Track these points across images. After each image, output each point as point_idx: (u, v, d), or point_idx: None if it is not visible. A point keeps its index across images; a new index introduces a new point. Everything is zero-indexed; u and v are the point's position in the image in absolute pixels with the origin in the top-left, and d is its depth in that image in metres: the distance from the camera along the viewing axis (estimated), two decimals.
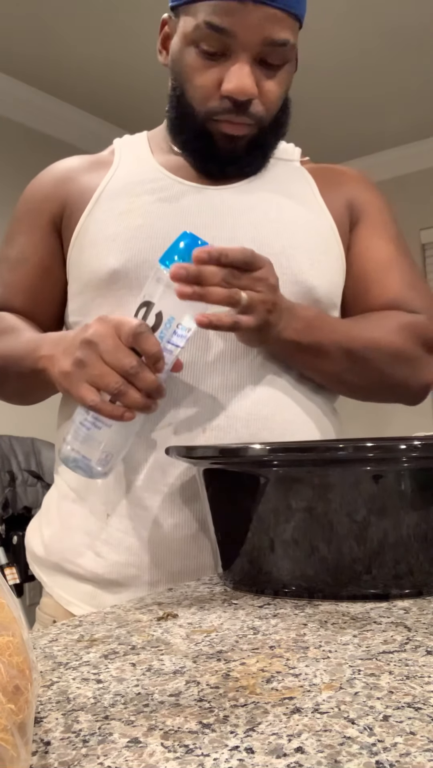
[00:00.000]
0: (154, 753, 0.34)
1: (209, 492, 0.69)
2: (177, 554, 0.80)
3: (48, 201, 0.92)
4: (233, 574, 0.67)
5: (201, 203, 0.86)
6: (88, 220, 0.88)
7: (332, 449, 0.61)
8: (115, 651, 0.51)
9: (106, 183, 0.90)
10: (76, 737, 0.36)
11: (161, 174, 0.89)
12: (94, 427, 0.68)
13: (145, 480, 0.80)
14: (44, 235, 0.92)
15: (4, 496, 2.59)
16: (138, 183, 0.88)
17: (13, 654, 0.31)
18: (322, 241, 0.89)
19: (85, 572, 0.83)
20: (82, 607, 0.82)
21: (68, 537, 0.84)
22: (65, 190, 0.91)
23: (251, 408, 0.81)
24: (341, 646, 0.49)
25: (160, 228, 0.83)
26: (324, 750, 0.34)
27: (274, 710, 0.38)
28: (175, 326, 0.68)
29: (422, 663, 0.45)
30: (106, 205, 0.87)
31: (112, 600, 0.81)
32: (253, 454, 0.63)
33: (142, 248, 0.83)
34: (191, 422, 0.80)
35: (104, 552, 0.81)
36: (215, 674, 0.45)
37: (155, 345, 0.67)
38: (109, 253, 0.84)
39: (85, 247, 0.87)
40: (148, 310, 0.68)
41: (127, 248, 0.83)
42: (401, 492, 0.61)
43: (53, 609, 0.86)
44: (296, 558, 0.62)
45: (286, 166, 0.95)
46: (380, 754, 0.33)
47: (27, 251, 0.93)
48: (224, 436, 0.80)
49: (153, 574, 0.80)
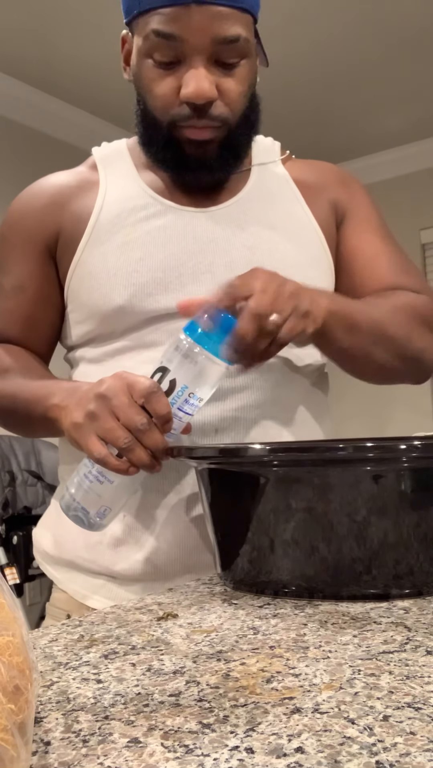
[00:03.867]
0: (154, 753, 0.34)
1: (209, 492, 0.69)
2: (193, 549, 0.82)
3: (41, 226, 0.92)
4: (233, 574, 0.67)
5: (196, 228, 0.87)
6: (86, 252, 0.88)
7: (332, 449, 0.61)
8: (115, 651, 0.51)
9: (99, 210, 0.89)
10: (76, 737, 0.36)
11: (151, 199, 0.89)
12: (97, 481, 0.70)
13: (159, 480, 0.82)
14: (40, 263, 0.92)
15: (4, 496, 2.59)
16: (131, 211, 0.88)
17: (13, 654, 0.31)
18: (312, 257, 0.90)
19: (102, 569, 0.85)
20: (99, 600, 0.85)
21: (83, 535, 0.86)
22: (58, 217, 0.91)
23: (260, 408, 0.84)
24: (341, 646, 0.49)
25: (160, 260, 0.85)
26: (324, 750, 0.34)
27: (274, 710, 0.38)
28: (188, 395, 0.69)
29: (422, 663, 0.45)
30: (103, 237, 0.88)
31: (129, 595, 0.83)
32: (253, 454, 0.63)
33: (145, 282, 0.84)
34: (204, 424, 0.82)
35: (122, 551, 0.84)
36: (215, 674, 0.45)
37: (166, 406, 0.68)
38: (112, 289, 0.85)
39: (85, 279, 0.88)
40: (163, 375, 0.70)
41: (131, 284, 0.84)
42: (401, 492, 0.61)
43: (66, 603, 0.89)
44: (296, 558, 0.62)
45: (271, 176, 0.95)
46: (380, 754, 0.33)
47: (23, 279, 0.93)
48: (234, 436, 0.82)
49: (170, 569, 0.82)
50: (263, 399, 0.84)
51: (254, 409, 0.84)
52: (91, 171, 0.95)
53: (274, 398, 0.85)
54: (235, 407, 0.83)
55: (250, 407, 0.84)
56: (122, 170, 0.94)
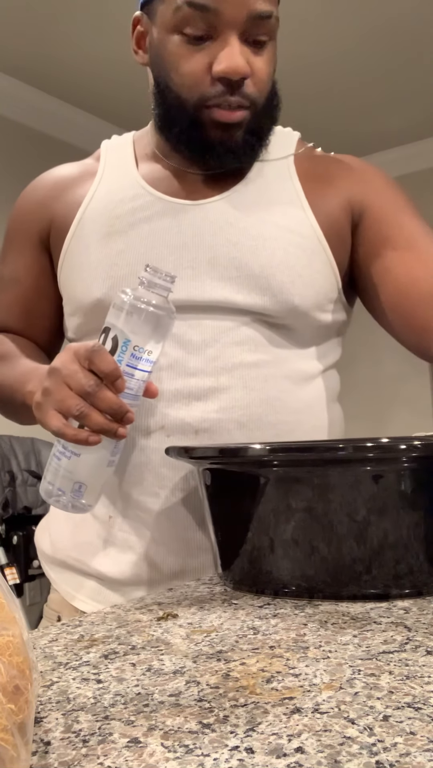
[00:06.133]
0: (154, 753, 0.34)
1: (209, 492, 0.69)
2: (179, 554, 0.80)
3: (36, 219, 0.92)
4: (233, 574, 0.67)
5: (181, 222, 0.85)
6: (72, 243, 0.88)
7: (332, 449, 0.61)
8: (115, 651, 0.51)
9: (88, 201, 0.89)
10: (76, 737, 0.36)
11: (142, 190, 0.88)
12: (65, 457, 0.69)
13: (146, 482, 0.81)
14: (36, 255, 0.92)
15: (4, 496, 2.59)
16: (119, 202, 0.87)
17: (13, 654, 0.31)
18: (304, 254, 0.85)
19: (90, 570, 0.84)
20: (87, 603, 0.84)
21: (75, 536, 0.86)
22: (52, 208, 0.91)
23: (243, 409, 0.81)
24: (341, 646, 0.49)
25: (141, 253, 0.83)
26: (324, 750, 0.34)
27: (274, 710, 0.38)
28: (133, 348, 0.68)
29: (422, 663, 0.45)
30: (89, 228, 0.87)
31: (116, 598, 0.82)
32: (253, 454, 0.63)
33: (124, 275, 0.82)
34: (183, 425, 0.80)
35: (108, 552, 0.83)
36: (215, 674, 0.45)
37: (110, 363, 0.67)
38: (93, 282, 0.84)
39: (70, 271, 0.88)
40: (106, 335, 0.69)
41: (109, 276, 0.83)
42: (401, 492, 0.61)
43: (59, 605, 0.88)
44: (296, 558, 0.62)
45: (273, 169, 0.91)
46: (380, 754, 0.33)
47: (20, 271, 0.93)
48: (216, 438, 0.80)
49: (156, 573, 0.81)
50: (247, 400, 0.81)
51: (238, 410, 0.81)
52: (94, 162, 0.95)
53: (260, 399, 0.81)
54: (216, 408, 0.80)
55: (233, 408, 0.80)
56: (121, 161, 0.93)
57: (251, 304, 0.82)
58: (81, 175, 0.93)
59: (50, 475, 0.70)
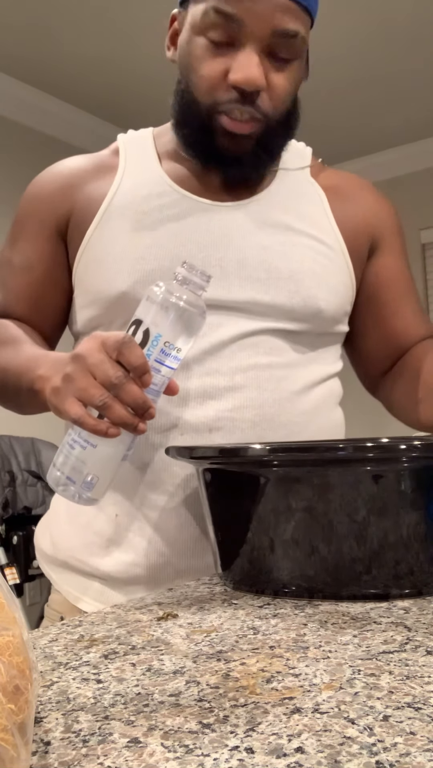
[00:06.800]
0: (154, 753, 0.34)
1: (209, 492, 0.69)
2: (184, 553, 0.81)
3: (54, 208, 0.91)
4: (233, 574, 0.67)
5: (210, 221, 0.85)
6: (95, 236, 0.87)
7: (332, 449, 0.61)
8: (115, 651, 0.51)
9: (112, 195, 0.88)
10: (76, 737, 0.36)
11: (169, 188, 0.88)
12: (79, 446, 0.67)
13: (152, 480, 0.81)
14: (50, 244, 0.91)
15: (4, 496, 2.59)
16: (145, 198, 0.87)
17: (13, 654, 0.31)
18: (330, 263, 0.88)
19: (93, 570, 0.84)
20: (90, 604, 0.84)
21: (77, 536, 0.85)
22: (71, 198, 0.90)
23: (257, 409, 0.82)
24: (341, 646, 0.49)
25: (169, 249, 0.83)
26: (324, 750, 0.34)
27: (274, 710, 0.38)
28: (163, 344, 0.67)
29: (422, 663, 0.45)
30: (114, 222, 0.86)
31: (119, 597, 0.82)
32: (253, 454, 0.63)
33: (152, 270, 0.82)
34: (198, 423, 0.80)
35: (112, 551, 0.82)
36: (215, 674, 0.45)
37: (140, 357, 0.65)
38: (117, 275, 0.83)
39: (91, 263, 0.87)
40: (137, 328, 0.68)
41: (136, 270, 0.82)
42: (401, 492, 0.61)
43: (60, 605, 0.88)
44: (296, 558, 0.62)
45: (296, 179, 0.93)
46: (380, 754, 0.33)
47: (32, 259, 0.91)
48: (229, 436, 0.80)
49: (160, 573, 0.81)
50: (261, 400, 0.82)
51: (252, 409, 0.81)
52: (111, 156, 0.94)
53: (273, 399, 0.83)
54: (231, 407, 0.81)
55: (247, 408, 0.81)
56: (143, 157, 0.92)
57: (278, 304, 0.83)
58: (98, 167, 0.92)
59: (62, 462, 0.68)
